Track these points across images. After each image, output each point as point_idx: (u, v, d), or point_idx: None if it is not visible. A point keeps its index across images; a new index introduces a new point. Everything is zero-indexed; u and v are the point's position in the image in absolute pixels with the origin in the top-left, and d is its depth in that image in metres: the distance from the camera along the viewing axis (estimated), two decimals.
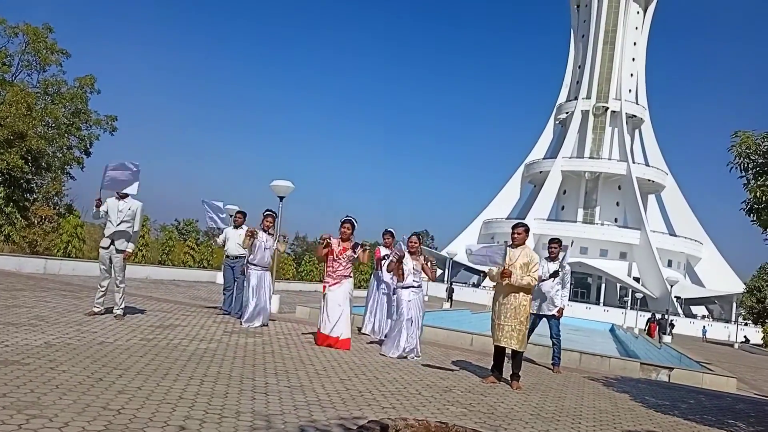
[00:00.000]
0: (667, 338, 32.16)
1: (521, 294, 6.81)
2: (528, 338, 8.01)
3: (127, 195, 8.14)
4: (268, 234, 9.50)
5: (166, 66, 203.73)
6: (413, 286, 8.33)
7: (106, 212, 8.09)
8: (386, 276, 10.00)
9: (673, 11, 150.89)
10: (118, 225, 8.04)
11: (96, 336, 6.39)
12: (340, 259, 8.29)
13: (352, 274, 8.54)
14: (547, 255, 8.93)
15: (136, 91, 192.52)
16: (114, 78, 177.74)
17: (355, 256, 8.31)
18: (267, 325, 9.36)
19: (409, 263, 8.32)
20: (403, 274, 8.33)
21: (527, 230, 7.10)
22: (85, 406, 3.78)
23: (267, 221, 9.55)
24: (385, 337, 8.74)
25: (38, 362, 4.78)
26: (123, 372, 4.83)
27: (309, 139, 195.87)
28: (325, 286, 8.37)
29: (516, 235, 7.01)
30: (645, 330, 37.21)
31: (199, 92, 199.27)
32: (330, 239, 8.36)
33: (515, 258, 6.83)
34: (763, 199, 6.53)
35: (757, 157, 6.75)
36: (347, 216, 8.47)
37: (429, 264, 8.60)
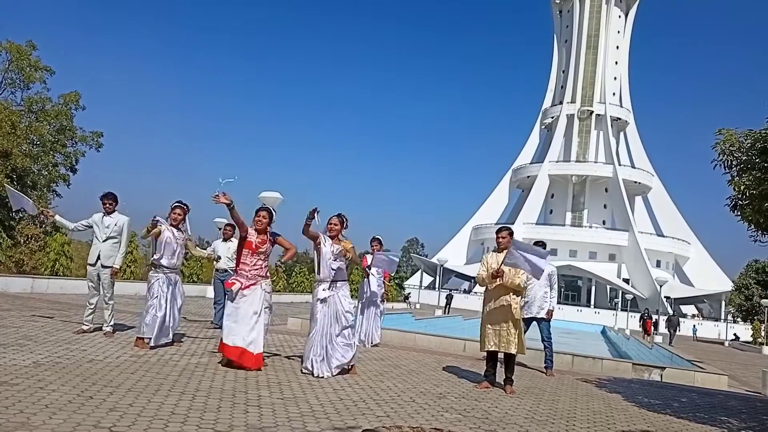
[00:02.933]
0: (657, 338, 32.21)
1: (513, 296, 6.83)
2: None
3: (113, 210, 8.09)
4: (177, 229, 7.83)
5: (151, 79, 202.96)
6: (334, 280, 6.78)
7: (90, 227, 8.03)
8: (374, 285, 9.97)
9: (654, 14, 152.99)
10: (104, 241, 7.98)
11: (85, 354, 6.32)
12: (258, 253, 6.75)
13: (269, 275, 6.98)
14: None
15: (121, 104, 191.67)
16: (98, 92, 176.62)
17: (271, 248, 6.85)
18: (173, 343, 7.75)
19: (327, 246, 6.78)
20: (319, 265, 6.84)
21: (512, 233, 7.13)
22: (76, 425, 3.73)
23: (175, 213, 7.82)
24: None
25: (27, 382, 4.71)
26: (114, 389, 4.78)
27: (297, 146, 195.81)
28: (231, 285, 6.69)
29: (501, 239, 7.04)
30: (640, 326, 36.81)
31: (186, 105, 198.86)
32: (249, 236, 6.74)
33: (502, 261, 6.86)
34: (747, 194, 6.61)
35: (740, 154, 6.85)
36: (263, 204, 7.27)
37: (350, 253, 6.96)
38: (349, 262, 7.03)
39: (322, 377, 6.41)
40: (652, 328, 35.34)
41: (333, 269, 6.78)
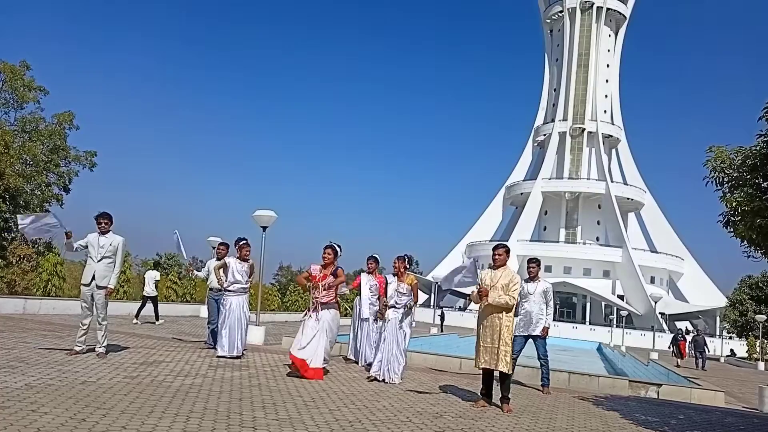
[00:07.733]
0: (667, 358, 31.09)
1: (504, 315, 6.83)
2: (515, 360, 8.02)
3: (108, 230, 8.05)
4: (242, 261, 9.49)
5: (144, 98, 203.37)
6: (395, 306, 8.49)
7: (86, 247, 7.98)
8: (364, 304, 9.89)
9: (643, 31, 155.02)
10: (99, 261, 7.92)
11: (78, 376, 6.26)
12: (320, 286, 8.15)
13: (336, 302, 8.33)
14: (527, 276, 8.97)
15: (115, 123, 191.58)
16: (91, 111, 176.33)
17: (335, 283, 8.17)
18: (241, 356, 9.17)
19: (394, 284, 8.57)
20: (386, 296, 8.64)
21: (508, 251, 7.17)
22: None
23: (245, 251, 9.54)
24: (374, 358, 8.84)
25: (19, 405, 4.66)
26: (107, 411, 4.73)
27: (290, 165, 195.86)
28: (305, 314, 8.36)
29: (497, 257, 7.07)
30: (672, 350, 29.36)
31: (179, 124, 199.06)
32: (310, 270, 8.32)
33: (497, 279, 6.88)
34: (739, 210, 6.67)
35: (731, 171, 6.91)
36: (330, 242, 8.31)
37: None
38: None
39: (391, 383, 7.92)
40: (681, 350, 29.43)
41: (401, 301, 8.47)
